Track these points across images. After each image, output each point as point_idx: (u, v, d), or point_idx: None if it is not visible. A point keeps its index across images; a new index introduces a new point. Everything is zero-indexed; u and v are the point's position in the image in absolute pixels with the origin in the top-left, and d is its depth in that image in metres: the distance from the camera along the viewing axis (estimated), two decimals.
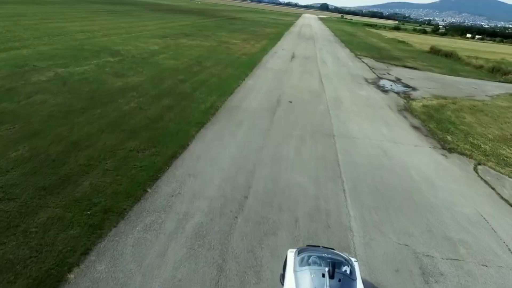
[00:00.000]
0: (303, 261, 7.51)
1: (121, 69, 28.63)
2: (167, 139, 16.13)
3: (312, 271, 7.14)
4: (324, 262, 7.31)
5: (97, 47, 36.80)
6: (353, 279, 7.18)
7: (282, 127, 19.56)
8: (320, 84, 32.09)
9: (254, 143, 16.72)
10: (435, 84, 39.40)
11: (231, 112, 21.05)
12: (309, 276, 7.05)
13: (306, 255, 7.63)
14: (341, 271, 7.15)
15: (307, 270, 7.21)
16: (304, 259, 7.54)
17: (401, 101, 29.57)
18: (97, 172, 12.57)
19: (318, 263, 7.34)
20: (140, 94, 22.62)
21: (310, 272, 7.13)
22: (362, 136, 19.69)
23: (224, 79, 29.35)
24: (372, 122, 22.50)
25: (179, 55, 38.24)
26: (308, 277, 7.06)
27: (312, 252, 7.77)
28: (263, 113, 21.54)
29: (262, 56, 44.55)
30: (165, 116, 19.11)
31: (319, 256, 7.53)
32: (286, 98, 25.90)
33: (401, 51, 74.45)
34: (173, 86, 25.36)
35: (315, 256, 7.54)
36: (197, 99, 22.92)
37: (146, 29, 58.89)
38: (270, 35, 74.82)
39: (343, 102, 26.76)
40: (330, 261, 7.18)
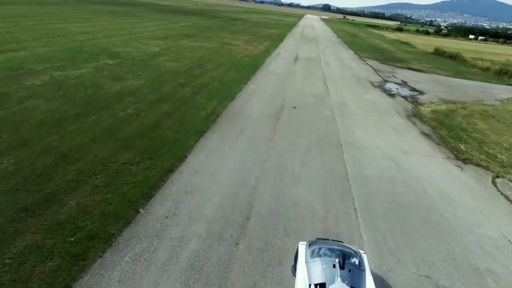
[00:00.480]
0: (314, 253, 7.84)
1: (119, 72, 27.62)
2: (164, 150, 15.08)
3: (323, 262, 7.45)
4: (334, 253, 7.61)
5: (97, 49, 35.83)
6: (362, 270, 7.48)
7: (286, 135, 18.48)
8: (324, 88, 31.01)
9: (256, 155, 15.65)
10: (442, 87, 38.27)
11: (233, 119, 20.00)
12: (320, 267, 7.36)
13: (316, 247, 7.96)
14: (351, 262, 7.46)
15: (318, 261, 7.53)
16: (315, 251, 7.86)
17: (409, 106, 28.45)
18: (86, 189, 11.52)
19: (328, 255, 7.63)
20: (137, 99, 21.59)
21: (322, 263, 7.44)
22: (370, 145, 18.59)
23: (226, 82, 28.30)
24: (380, 129, 21.41)
25: (180, 57, 37.23)
26: (319, 267, 7.36)
27: (323, 244, 8.11)
28: (266, 120, 20.47)
29: (264, 58, 43.49)
30: (163, 123, 18.06)
31: (329, 248, 7.83)
32: (289, 103, 24.83)
33: (405, 52, 73.31)
34: (172, 90, 24.33)
35: (326, 248, 7.84)
36: (197, 104, 21.87)
37: (148, 30, 57.93)
38: (273, 36, 73.77)
39: (348, 107, 25.68)
40: (340, 253, 7.54)
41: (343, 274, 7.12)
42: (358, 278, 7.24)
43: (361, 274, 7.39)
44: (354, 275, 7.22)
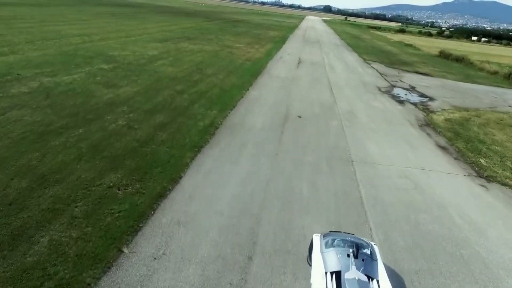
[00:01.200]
0: (328, 243, 8.25)
1: (113, 78, 26.06)
2: (156, 169, 13.47)
3: (337, 251, 7.84)
4: (348, 244, 8.01)
5: (92, 53, 34.31)
6: (374, 259, 7.87)
7: (292, 150, 16.87)
8: (330, 94, 29.40)
9: (259, 175, 14.03)
10: (452, 93, 36.63)
11: (233, 132, 18.39)
12: (335, 256, 7.74)
13: (330, 239, 8.37)
14: (364, 252, 7.82)
15: (333, 251, 7.93)
16: (329, 242, 8.26)
17: (420, 114, 26.82)
18: (62, 221, 9.92)
19: (342, 245, 8.02)
20: (131, 108, 20.01)
21: (336, 252, 7.83)
22: (384, 161, 16.97)
23: (227, 89, 26.70)
24: (393, 142, 19.79)
25: (179, 61, 35.67)
26: (334, 257, 7.75)
27: (336, 236, 8.56)
28: (270, 133, 18.87)
29: (266, 61, 41.92)
30: (157, 137, 16.46)
31: (343, 239, 8.23)
32: (294, 112, 23.22)
33: (410, 55, 71.68)
34: (169, 98, 22.74)
35: (339, 239, 8.25)
36: (195, 114, 20.28)
37: (147, 32, 56.44)
38: (275, 38, 72.21)
39: (357, 116, 24.06)
40: (354, 243, 7.96)
41: (357, 263, 7.57)
42: (371, 267, 7.65)
43: (374, 263, 7.81)
44: (367, 264, 7.63)
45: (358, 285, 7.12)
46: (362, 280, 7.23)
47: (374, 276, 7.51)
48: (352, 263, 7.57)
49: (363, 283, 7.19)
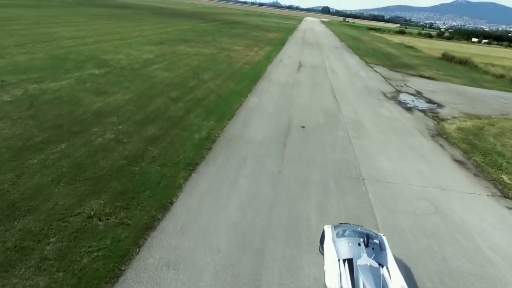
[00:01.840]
0: (339, 234, 8.82)
1: (105, 84, 24.49)
2: (145, 193, 11.90)
3: (349, 241, 8.46)
4: (358, 234, 8.64)
5: (84, 56, 32.73)
6: (383, 249, 8.50)
7: (297, 168, 15.31)
8: (334, 101, 27.87)
9: (261, 198, 12.48)
10: (461, 98, 35.16)
11: (232, 145, 16.83)
12: (347, 245, 8.37)
13: (341, 230, 8.96)
14: (373, 242, 8.43)
15: (344, 240, 8.53)
16: (340, 233, 8.85)
17: (430, 122, 25.31)
18: (29, 264, 8.36)
19: (353, 235, 8.62)
20: (121, 119, 18.44)
21: (348, 241, 8.45)
22: (398, 179, 15.43)
23: (224, 96, 25.13)
24: (405, 156, 18.25)
25: (174, 65, 34.11)
26: (346, 246, 8.37)
27: (346, 227, 9.14)
28: (271, 146, 17.31)
29: (266, 65, 40.38)
30: (147, 153, 14.89)
31: (353, 230, 8.85)
32: (297, 121, 21.69)
33: (412, 57, 70.26)
34: (163, 107, 21.17)
35: (350, 230, 8.85)
36: (190, 125, 18.71)
37: (143, 34, 54.87)
38: (274, 40, 70.72)
39: (364, 125, 22.53)
40: (364, 233, 8.62)
41: (368, 251, 8.10)
42: (381, 256, 8.20)
43: (383, 252, 8.38)
44: (377, 253, 8.18)
45: (370, 271, 7.73)
46: (373, 266, 7.86)
47: (384, 264, 8.13)
48: (363, 251, 8.17)
49: (374, 269, 7.81)
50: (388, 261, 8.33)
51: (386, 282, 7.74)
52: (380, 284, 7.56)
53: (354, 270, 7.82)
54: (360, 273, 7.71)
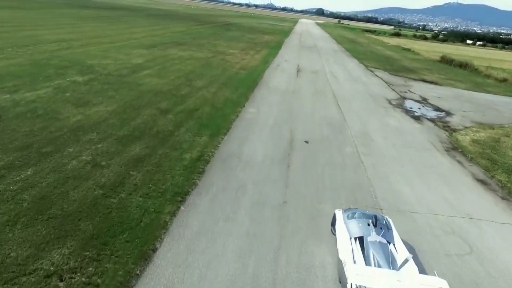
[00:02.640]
0: (349, 216, 10.10)
1: (87, 93, 22.26)
2: (122, 236, 9.72)
3: (359, 222, 9.67)
4: (367, 216, 9.94)
5: (67, 61, 30.45)
6: (390, 229, 9.70)
7: (304, 195, 13.19)
8: (338, 111, 25.80)
9: (264, 241, 10.34)
10: (469, 105, 33.27)
11: (228, 168, 14.66)
12: (357, 225, 9.54)
13: (351, 212, 10.28)
14: (381, 222, 9.70)
15: (355, 221, 9.76)
16: (350, 215, 10.13)
17: (442, 133, 23.32)
18: None
19: (362, 217, 9.88)
20: (101, 135, 16.23)
21: (358, 222, 9.66)
22: (420, 207, 13.36)
23: (219, 106, 22.97)
24: (423, 177, 16.19)
25: (166, 70, 31.90)
26: (356, 226, 9.53)
27: (355, 210, 10.49)
28: (273, 168, 15.17)
29: (263, 70, 38.29)
30: (129, 180, 12.69)
31: (362, 213, 10.20)
32: (300, 135, 19.58)
33: (411, 60, 68.50)
34: (150, 120, 18.98)
35: (359, 212, 10.20)
36: (181, 142, 16.52)
37: (134, 37, 52.61)
38: (270, 43, 68.65)
39: (373, 139, 20.46)
40: (372, 215, 9.94)
41: (377, 230, 9.33)
42: (388, 234, 9.39)
43: (390, 231, 9.60)
44: (385, 232, 9.37)
45: (379, 246, 8.68)
46: (382, 242, 8.80)
47: (391, 241, 9.09)
48: (372, 230, 9.18)
49: (383, 244, 8.75)
50: (395, 239, 9.45)
51: (394, 255, 8.76)
52: (389, 257, 8.60)
53: (365, 246, 8.85)
54: (370, 248, 8.78)
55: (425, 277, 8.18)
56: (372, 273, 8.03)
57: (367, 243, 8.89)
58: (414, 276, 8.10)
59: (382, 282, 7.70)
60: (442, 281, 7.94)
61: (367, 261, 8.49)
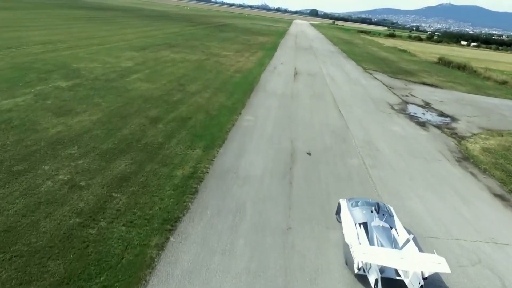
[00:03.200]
0: (353, 204, 10.82)
1: (70, 100, 20.66)
2: (98, 280, 8.18)
3: (362, 209, 10.41)
4: (369, 204, 10.65)
5: (52, 65, 28.78)
6: (391, 215, 10.49)
7: (310, 218, 11.73)
8: (339, 117, 24.38)
9: (267, 278, 8.84)
10: (472, 109, 32.05)
11: (224, 186, 13.15)
12: (361, 212, 10.29)
13: (354, 201, 11.02)
14: (383, 209, 10.44)
15: (359, 209, 10.49)
16: (354, 203, 10.87)
17: (450, 141, 22.00)
18: None
19: (365, 205, 10.59)
20: (83, 149, 14.65)
21: (362, 209, 10.40)
22: (440, 230, 11.95)
23: (214, 114, 21.45)
24: (437, 192, 14.79)
25: (157, 74, 30.31)
26: (360, 212, 10.28)
27: (359, 199, 11.24)
28: (274, 185, 13.68)
29: (259, 73, 36.80)
30: (111, 204, 11.13)
31: (365, 201, 10.91)
32: (301, 145, 18.11)
33: (409, 62, 67.41)
34: (138, 130, 17.41)
35: (362, 201, 10.92)
36: (172, 157, 14.97)
37: (125, 38, 50.93)
38: (265, 44, 67.21)
39: (379, 149, 19.06)
40: (375, 203, 10.66)
41: (379, 216, 10.05)
42: (390, 220, 10.16)
43: (391, 218, 10.37)
44: (387, 218, 10.10)
45: (382, 230, 9.66)
46: (385, 227, 9.78)
47: (393, 226, 10.08)
48: (375, 216, 10.09)
49: (386, 229, 9.74)
50: (396, 224, 10.15)
51: (396, 238, 9.45)
52: (391, 239, 9.29)
53: (369, 230, 9.55)
54: (374, 232, 9.47)
55: (425, 255, 9.09)
56: (377, 251, 8.85)
57: (371, 227, 9.68)
58: (415, 254, 8.89)
59: (386, 259, 8.44)
60: (441, 258, 8.62)
61: (371, 243, 9.31)
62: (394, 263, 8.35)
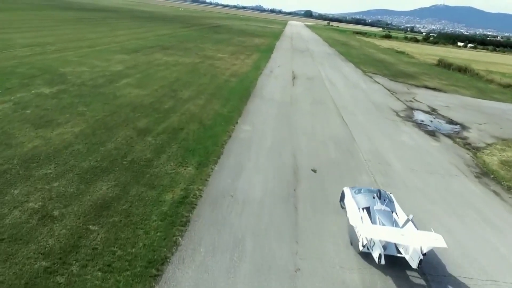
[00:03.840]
0: (356, 191, 11.69)
1: (53, 109, 18.90)
2: None
3: (365, 195, 11.27)
4: (371, 191, 11.55)
5: (37, 69, 26.97)
6: (392, 201, 11.31)
7: (320, 255, 10.02)
8: (343, 125, 22.77)
9: None
10: (481, 115, 30.58)
11: (220, 213, 11.44)
12: (364, 198, 11.13)
13: (357, 189, 11.92)
14: (384, 196, 11.26)
15: (362, 195, 11.35)
16: (357, 191, 11.71)
17: (464, 153, 20.45)
18: None
19: (368, 192, 11.49)
20: (60, 169, 12.90)
21: (364, 195, 11.27)
22: (471, 267, 10.34)
23: (208, 124, 19.72)
24: (461, 218, 13.19)
25: (148, 79, 28.57)
26: (364, 198, 11.12)
27: (361, 187, 12.22)
28: (277, 211, 11.99)
29: (256, 77, 35.12)
30: (87, 241, 9.40)
31: (367, 189, 11.87)
32: (305, 160, 16.44)
33: (408, 64, 66.06)
34: (124, 144, 15.66)
35: (365, 189, 11.87)
36: (160, 177, 13.24)
37: (117, 40, 49.09)
38: (261, 46, 65.55)
39: (390, 163, 17.44)
40: (376, 190, 11.57)
41: (381, 201, 10.87)
42: (390, 205, 10.99)
43: (392, 203, 11.20)
44: (388, 203, 10.96)
45: (384, 213, 10.44)
46: (386, 210, 10.58)
47: (393, 210, 10.90)
48: (377, 201, 10.90)
49: (387, 212, 10.54)
50: (396, 209, 11.12)
51: (396, 220, 10.47)
52: (392, 221, 10.30)
53: (371, 214, 10.52)
54: (376, 214, 10.45)
55: (423, 232, 9.73)
56: (380, 229, 9.67)
57: (373, 211, 10.47)
58: (415, 232, 9.64)
59: (388, 236, 9.28)
60: (438, 235, 9.38)
61: (374, 224, 10.10)
62: (396, 238, 9.34)
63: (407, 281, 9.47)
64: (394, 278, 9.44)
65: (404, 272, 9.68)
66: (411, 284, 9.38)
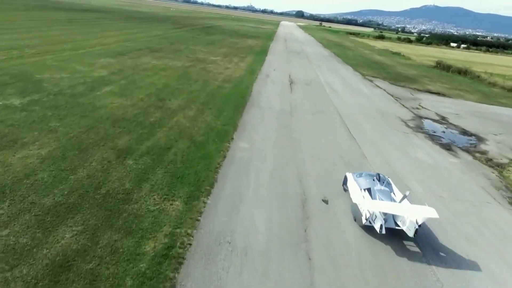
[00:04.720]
0: (358, 175, 12.91)
1: (20, 125, 16.28)
2: None
3: (366, 178, 12.55)
4: (371, 175, 12.79)
5: (10, 76, 24.27)
6: (390, 184, 12.64)
7: None
8: (350, 139, 20.41)
9: None
10: (494, 124, 28.50)
11: (215, 274, 8.97)
12: (365, 180, 12.41)
13: (358, 173, 13.15)
14: (383, 179, 12.60)
15: (363, 178, 12.62)
16: (358, 175, 12.96)
17: (488, 172, 18.20)
18: None
19: (368, 175, 12.74)
20: (15, 208, 10.33)
21: (365, 178, 12.54)
22: None
23: (200, 141, 17.19)
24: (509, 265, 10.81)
25: (133, 86, 25.95)
26: (365, 181, 12.40)
27: (362, 172, 13.41)
28: (287, 264, 9.56)
29: (251, 82, 32.66)
30: None
31: (367, 173, 13.07)
32: (313, 188, 14.01)
33: (405, 66, 64.05)
34: (99, 171, 13.10)
35: (365, 173, 13.09)
36: (140, 216, 10.71)
37: (104, 42, 46.25)
38: (255, 48, 63.07)
39: (411, 188, 15.06)
40: (376, 174, 12.90)
41: (380, 183, 12.25)
42: (389, 187, 12.36)
43: (390, 185, 12.53)
44: (387, 185, 12.32)
45: (383, 192, 11.76)
46: (386, 190, 11.93)
47: (392, 191, 12.20)
48: (377, 183, 12.26)
49: (386, 191, 11.88)
50: (394, 190, 12.40)
51: (394, 198, 11.70)
52: (391, 198, 11.60)
53: (372, 193, 11.80)
54: (377, 193, 11.73)
55: (419, 206, 11.14)
56: (380, 203, 11.16)
57: (374, 191, 11.91)
58: (411, 205, 11.05)
59: (388, 208, 10.80)
60: (431, 209, 10.87)
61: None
62: (395, 211, 10.79)
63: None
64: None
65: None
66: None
